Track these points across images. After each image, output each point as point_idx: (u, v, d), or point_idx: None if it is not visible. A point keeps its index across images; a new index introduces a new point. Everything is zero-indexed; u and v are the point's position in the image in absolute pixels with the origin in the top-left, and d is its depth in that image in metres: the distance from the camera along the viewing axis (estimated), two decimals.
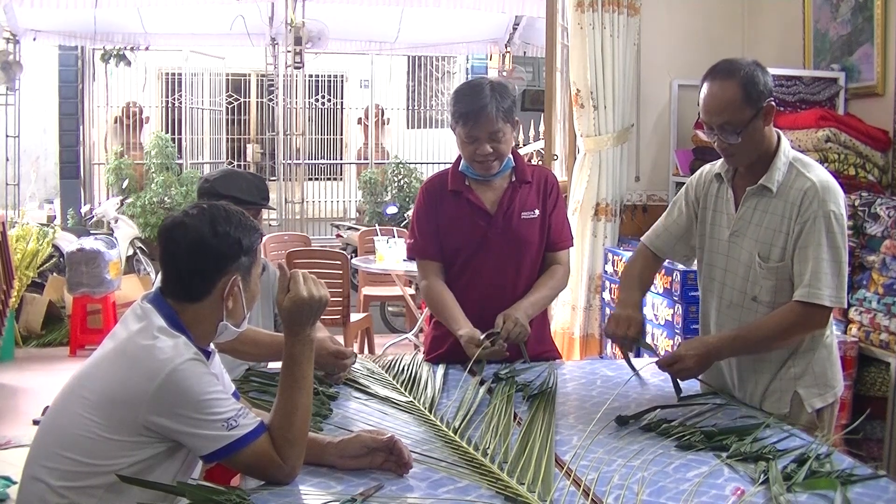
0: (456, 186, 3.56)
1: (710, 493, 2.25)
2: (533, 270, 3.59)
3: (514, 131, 3.50)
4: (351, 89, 17.99)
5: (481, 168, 3.48)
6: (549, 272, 3.59)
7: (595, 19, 6.21)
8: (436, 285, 3.55)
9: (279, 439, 2.27)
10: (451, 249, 3.57)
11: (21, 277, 8.62)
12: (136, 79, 14.87)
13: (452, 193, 3.56)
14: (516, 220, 3.53)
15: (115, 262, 8.90)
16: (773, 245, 2.97)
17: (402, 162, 15.45)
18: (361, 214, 14.70)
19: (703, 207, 3.22)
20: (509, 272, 3.54)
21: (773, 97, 2.98)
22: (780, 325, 2.92)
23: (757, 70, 2.93)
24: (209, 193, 3.62)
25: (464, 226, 3.54)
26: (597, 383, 3.27)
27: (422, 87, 17.69)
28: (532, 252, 3.57)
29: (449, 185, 3.57)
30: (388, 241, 7.82)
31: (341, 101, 17.95)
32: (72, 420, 2.26)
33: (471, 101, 3.36)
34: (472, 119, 3.35)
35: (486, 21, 13.05)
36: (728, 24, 6.64)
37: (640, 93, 6.55)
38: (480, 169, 3.48)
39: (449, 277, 3.58)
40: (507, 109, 3.38)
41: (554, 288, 3.61)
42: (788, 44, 6.16)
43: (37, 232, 9.47)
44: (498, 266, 3.53)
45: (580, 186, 6.39)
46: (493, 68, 14.44)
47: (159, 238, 2.44)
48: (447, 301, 3.49)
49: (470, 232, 3.53)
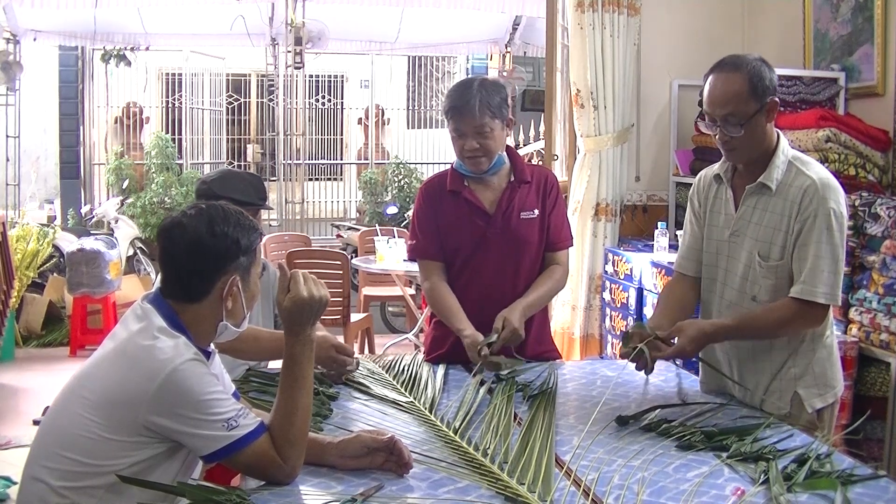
0: (455, 187, 3.56)
1: (711, 493, 2.25)
2: (532, 270, 3.59)
3: (505, 129, 3.50)
4: (351, 89, 18.01)
5: (471, 164, 3.48)
6: (548, 272, 3.59)
7: (595, 19, 6.21)
8: (439, 287, 3.55)
9: (279, 439, 2.27)
10: (451, 249, 3.58)
11: (21, 277, 8.62)
12: (137, 79, 14.88)
13: (451, 194, 3.56)
14: (515, 219, 3.53)
15: (115, 262, 8.89)
16: (773, 244, 2.97)
17: (402, 162, 15.46)
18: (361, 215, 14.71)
19: (705, 210, 3.22)
20: (508, 272, 3.55)
21: (776, 93, 2.98)
22: (776, 319, 2.92)
23: (763, 66, 2.94)
24: (207, 195, 3.61)
25: (463, 226, 3.55)
26: (597, 383, 3.27)
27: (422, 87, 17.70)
28: (531, 252, 3.58)
29: (448, 186, 3.58)
30: (389, 241, 7.83)
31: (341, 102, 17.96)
32: (72, 420, 2.26)
33: (458, 96, 3.40)
34: (458, 113, 3.39)
35: (487, 21, 13.06)
36: (728, 24, 6.65)
37: (641, 93, 6.56)
38: (470, 165, 3.49)
39: (449, 277, 3.59)
40: (496, 105, 3.39)
41: (552, 289, 3.61)
42: (788, 44, 6.16)
43: (37, 232, 9.46)
44: (497, 266, 3.53)
45: (580, 186, 6.39)
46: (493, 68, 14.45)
47: (158, 238, 2.44)
48: (451, 304, 3.50)
49: (469, 232, 3.54)
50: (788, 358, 3.02)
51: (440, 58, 17.28)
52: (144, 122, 15.79)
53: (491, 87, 3.42)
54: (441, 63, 17.61)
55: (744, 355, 3.10)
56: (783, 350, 3.02)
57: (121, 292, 9.05)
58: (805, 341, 3.01)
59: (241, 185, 3.78)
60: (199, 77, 15.10)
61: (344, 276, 7.21)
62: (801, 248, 2.90)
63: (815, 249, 2.86)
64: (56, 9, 11.18)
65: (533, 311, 3.51)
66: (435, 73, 17.73)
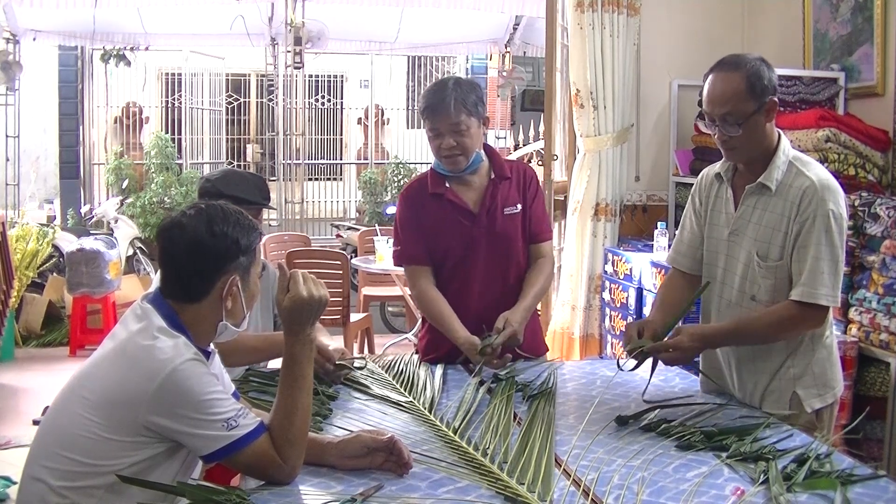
0: (437, 189, 3.58)
1: (710, 493, 2.26)
2: (520, 265, 3.61)
3: (481, 127, 3.52)
4: (351, 89, 18.03)
5: (449, 163, 3.50)
6: (538, 268, 3.61)
7: (595, 19, 6.23)
8: (429, 292, 3.56)
9: (279, 439, 2.28)
10: (440, 252, 3.58)
11: (21, 277, 8.63)
12: (136, 79, 14.90)
13: (433, 196, 3.58)
14: (500, 216, 3.56)
15: (114, 262, 8.90)
16: (772, 244, 2.98)
17: (402, 162, 15.47)
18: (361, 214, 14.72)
19: (706, 209, 3.24)
20: (499, 269, 3.57)
21: (775, 93, 2.99)
22: (777, 322, 2.93)
23: (762, 65, 2.96)
24: (210, 193, 3.61)
25: (449, 227, 3.56)
26: (597, 383, 3.29)
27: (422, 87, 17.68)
28: (517, 246, 3.60)
29: (430, 189, 3.59)
30: (388, 241, 7.81)
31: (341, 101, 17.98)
32: (72, 420, 2.27)
33: (433, 95, 3.43)
34: (434, 112, 3.42)
35: (486, 21, 13.07)
36: (728, 25, 6.66)
37: (640, 93, 6.57)
38: (448, 164, 3.51)
39: (440, 282, 3.59)
40: (472, 103, 3.42)
41: (545, 285, 3.65)
42: (788, 44, 6.18)
43: (37, 232, 9.47)
44: (488, 264, 3.55)
45: (580, 186, 6.40)
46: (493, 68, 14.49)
47: (158, 238, 2.45)
48: (442, 308, 3.51)
49: (457, 233, 3.55)
50: (787, 358, 3.02)
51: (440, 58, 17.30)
52: (144, 121, 15.82)
53: (466, 86, 3.46)
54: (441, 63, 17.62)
55: (743, 355, 3.11)
56: (782, 350, 3.02)
57: (120, 292, 9.05)
58: (804, 342, 3.01)
59: (244, 185, 3.79)
60: (199, 77, 15.12)
61: (344, 275, 7.22)
62: (800, 250, 2.91)
63: (815, 251, 2.87)
64: (55, 8, 11.19)
65: (531, 310, 3.54)
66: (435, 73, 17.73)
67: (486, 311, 3.42)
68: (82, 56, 14.12)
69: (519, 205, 3.58)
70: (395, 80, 17.50)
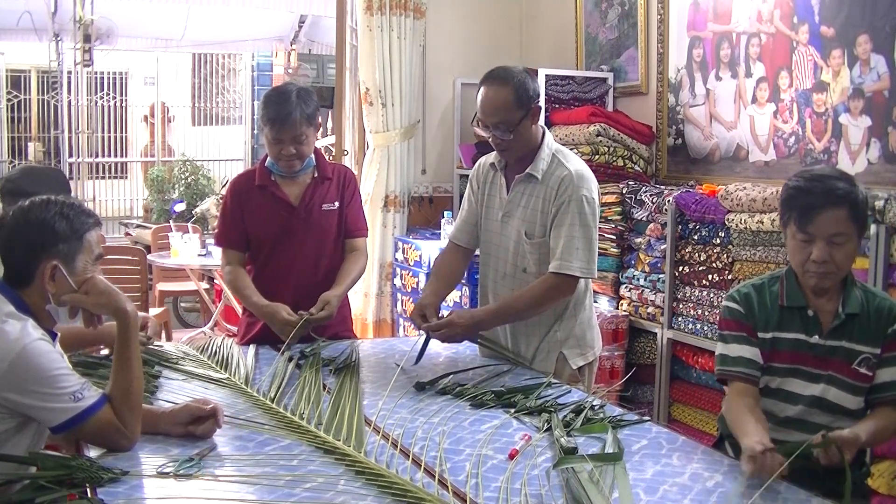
0: (262, 182, 3.83)
1: (502, 440, 2.58)
2: (334, 255, 3.89)
3: (316, 133, 3.82)
4: (135, 86, 17.68)
5: (285, 166, 3.76)
6: (353, 259, 3.91)
7: (383, 21, 6.51)
8: (236, 271, 3.84)
9: (120, 407, 2.44)
10: (256, 238, 3.85)
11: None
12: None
13: (259, 188, 3.83)
14: (317, 211, 3.84)
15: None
16: (537, 224, 3.43)
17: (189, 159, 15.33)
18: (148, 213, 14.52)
19: (483, 193, 3.64)
20: (312, 257, 3.84)
21: (538, 99, 3.43)
22: (536, 295, 3.37)
23: (527, 77, 3.40)
24: (14, 193, 3.66)
25: (268, 217, 3.82)
26: (395, 357, 3.57)
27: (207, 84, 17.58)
28: (331, 239, 3.89)
29: (256, 181, 3.84)
30: (184, 236, 7.91)
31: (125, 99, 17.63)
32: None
33: (278, 107, 3.64)
34: (279, 124, 3.64)
35: (273, 19, 13.08)
36: (507, 28, 7.09)
37: (426, 91, 6.91)
38: (284, 167, 3.77)
39: (258, 265, 3.87)
40: (311, 114, 3.69)
41: (359, 274, 3.95)
42: (562, 46, 6.61)
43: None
44: (302, 252, 3.82)
45: (370, 179, 6.69)
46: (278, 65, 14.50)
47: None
48: (246, 283, 3.79)
49: (274, 222, 3.81)
50: (555, 323, 3.49)
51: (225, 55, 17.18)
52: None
53: (306, 98, 3.70)
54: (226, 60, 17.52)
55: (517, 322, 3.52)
56: (550, 316, 3.48)
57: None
58: (568, 309, 3.48)
59: (47, 180, 3.88)
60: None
61: (142, 271, 7.27)
62: (556, 229, 3.37)
63: (569, 230, 3.32)
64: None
65: (344, 295, 3.84)
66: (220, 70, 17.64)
67: (300, 295, 3.70)
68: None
69: (336, 202, 3.87)
70: (181, 77, 17.31)
